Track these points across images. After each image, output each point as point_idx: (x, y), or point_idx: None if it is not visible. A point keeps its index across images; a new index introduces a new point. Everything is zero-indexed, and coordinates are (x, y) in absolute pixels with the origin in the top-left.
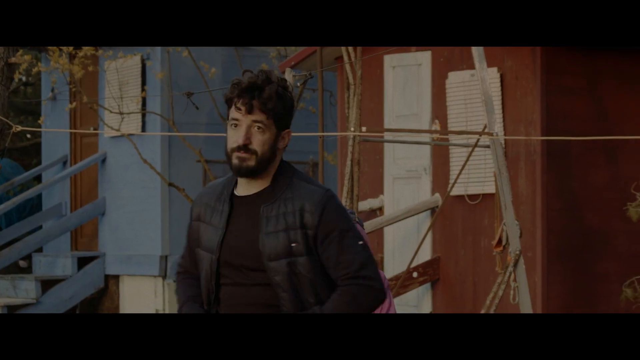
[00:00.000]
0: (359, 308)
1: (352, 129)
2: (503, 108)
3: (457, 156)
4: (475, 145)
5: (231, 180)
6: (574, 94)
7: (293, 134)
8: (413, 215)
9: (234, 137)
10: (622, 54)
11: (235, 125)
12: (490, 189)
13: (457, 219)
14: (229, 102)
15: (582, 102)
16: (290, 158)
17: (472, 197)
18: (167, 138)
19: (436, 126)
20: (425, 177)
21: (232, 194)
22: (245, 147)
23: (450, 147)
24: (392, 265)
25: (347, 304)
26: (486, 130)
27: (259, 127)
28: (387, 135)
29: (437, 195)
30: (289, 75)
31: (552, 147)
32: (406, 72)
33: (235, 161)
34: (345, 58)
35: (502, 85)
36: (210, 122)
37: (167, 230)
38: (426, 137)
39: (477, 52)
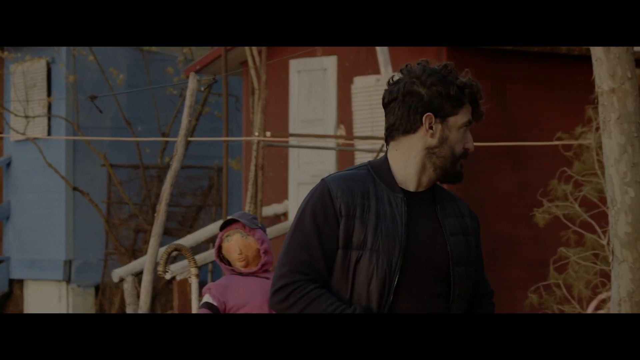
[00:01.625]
0: None
1: (256, 133)
2: None
3: (362, 161)
4: (380, 150)
5: (373, 173)
6: None
7: (197, 139)
8: None
9: (463, 142)
10: (528, 59)
11: (465, 130)
12: None
13: None
14: (456, 102)
15: (488, 108)
16: (195, 162)
17: None
18: (72, 142)
19: (341, 131)
20: None
21: (400, 188)
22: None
23: (355, 152)
24: None
25: None
26: None
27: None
28: (292, 140)
29: None
30: (193, 80)
31: None
32: (311, 77)
33: (459, 168)
34: (250, 63)
35: None
36: (115, 126)
37: (72, 234)
38: (331, 142)
39: (382, 56)
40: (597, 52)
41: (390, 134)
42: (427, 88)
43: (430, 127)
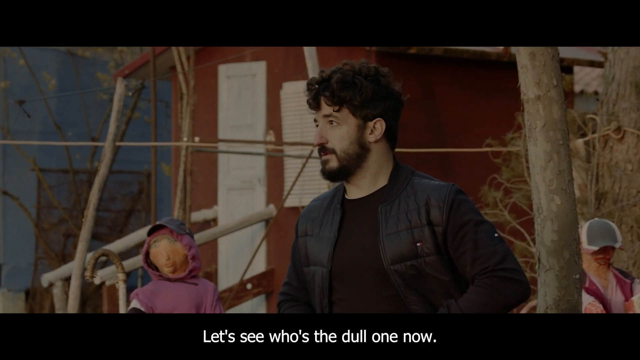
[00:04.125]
0: (503, 302)
1: (185, 139)
2: None
3: (291, 167)
4: (309, 156)
5: (341, 186)
6: (408, 105)
7: (125, 143)
8: (247, 226)
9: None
10: (457, 65)
11: (320, 127)
12: None
13: (292, 230)
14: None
15: (417, 113)
16: (126, 167)
17: None
18: (1, 146)
19: (270, 137)
20: (259, 188)
21: (343, 198)
22: (322, 148)
23: (284, 158)
24: (226, 277)
25: (488, 297)
26: None
27: (331, 122)
28: (221, 146)
29: (272, 206)
30: (120, 85)
31: None
32: (241, 82)
33: (321, 166)
34: (179, 68)
35: None
36: (45, 130)
37: (2, 238)
38: (260, 148)
39: (310, 62)
40: (523, 60)
41: None
42: None
43: None
